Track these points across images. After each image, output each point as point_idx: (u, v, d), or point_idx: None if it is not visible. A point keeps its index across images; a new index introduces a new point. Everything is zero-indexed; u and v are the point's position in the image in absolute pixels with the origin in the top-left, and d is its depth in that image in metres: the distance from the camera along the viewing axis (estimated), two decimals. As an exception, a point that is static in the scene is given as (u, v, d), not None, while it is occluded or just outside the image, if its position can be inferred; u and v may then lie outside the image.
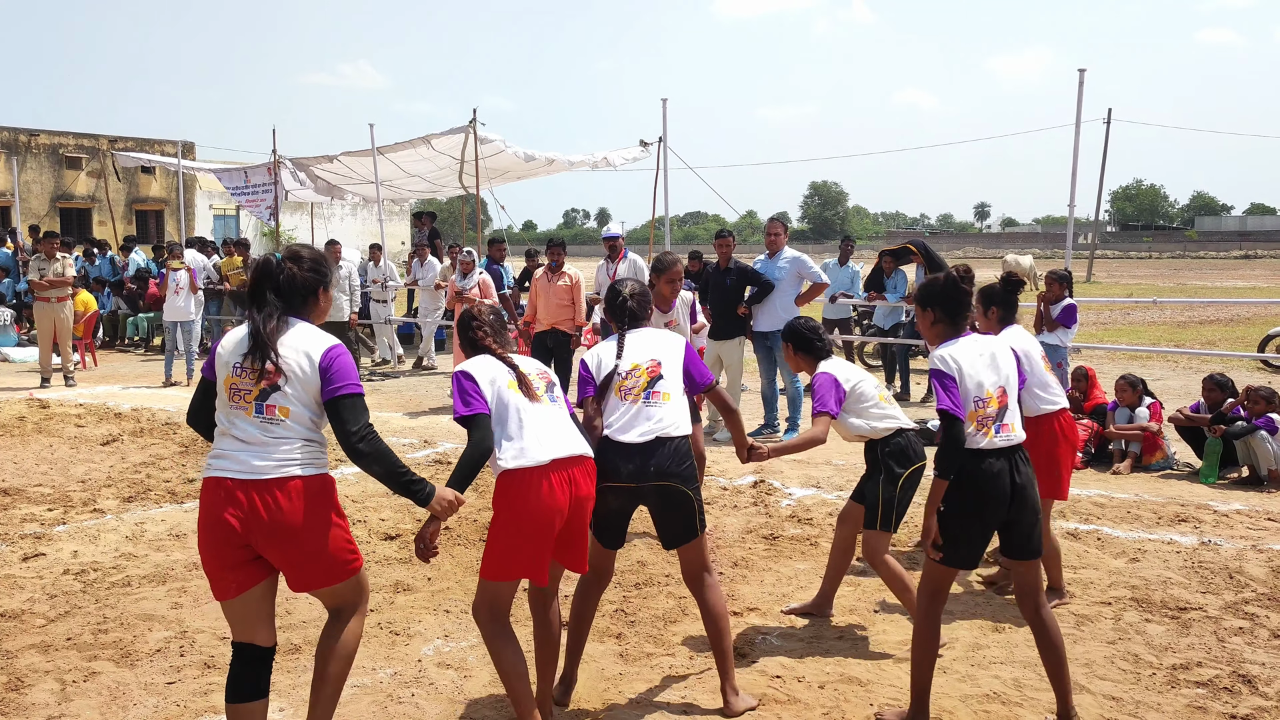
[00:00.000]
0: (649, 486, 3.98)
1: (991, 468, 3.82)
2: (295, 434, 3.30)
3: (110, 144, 34.03)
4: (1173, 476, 8.13)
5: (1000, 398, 3.88)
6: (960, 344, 3.92)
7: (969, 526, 3.85)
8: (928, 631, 3.93)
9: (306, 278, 3.44)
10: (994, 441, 3.83)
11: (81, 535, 6.41)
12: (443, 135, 16.78)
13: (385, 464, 3.33)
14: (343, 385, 3.32)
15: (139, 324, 18.32)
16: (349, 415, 3.30)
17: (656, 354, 4.14)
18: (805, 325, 5.17)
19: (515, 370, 3.78)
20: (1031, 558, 3.94)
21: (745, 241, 56.68)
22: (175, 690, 4.27)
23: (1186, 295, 30.07)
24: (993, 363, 3.93)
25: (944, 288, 3.97)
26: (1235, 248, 75.04)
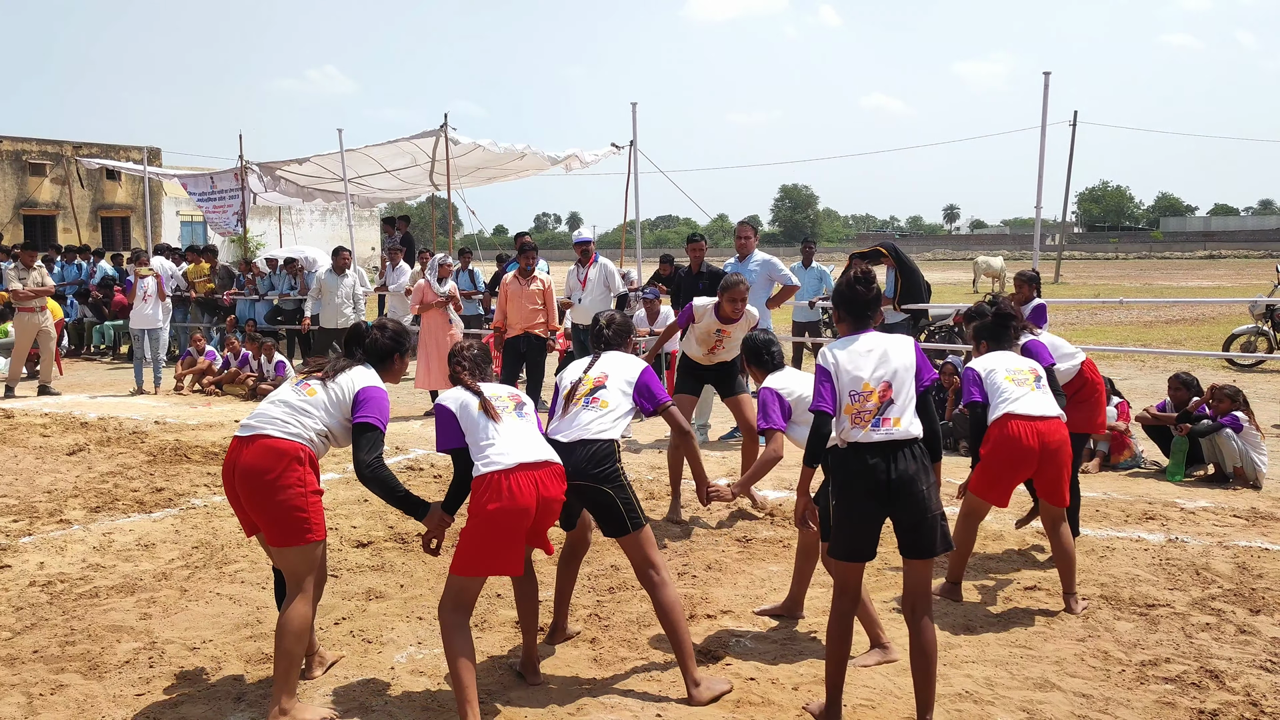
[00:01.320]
0: (572, 484, 4.26)
1: (865, 461, 3.86)
2: (307, 410, 4.04)
3: (75, 150, 33.65)
4: (1140, 475, 8.22)
5: (884, 392, 3.90)
6: (851, 340, 4.03)
7: (847, 518, 3.92)
8: (836, 629, 3.96)
9: (385, 344, 4.31)
10: (870, 435, 3.86)
11: (48, 546, 6.33)
12: (414, 139, 16.74)
13: (389, 488, 3.98)
14: (368, 416, 4.03)
15: (105, 332, 18.12)
16: (365, 444, 3.99)
17: (610, 369, 4.60)
18: (757, 340, 5.43)
19: (480, 397, 4.13)
20: (918, 557, 3.93)
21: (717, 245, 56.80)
22: (144, 702, 4.22)
23: (1152, 295, 30.42)
24: (882, 358, 3.96)
25: (843, 288, 4.12)
26: (1200, 248, 75.99)
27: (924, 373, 4.01)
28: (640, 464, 8.74)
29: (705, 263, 9.81)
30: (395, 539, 6.48)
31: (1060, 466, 5.19)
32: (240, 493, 4.01)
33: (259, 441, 3.98)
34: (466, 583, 4.00)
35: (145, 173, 21.75)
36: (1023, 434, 5.12)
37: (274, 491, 3.91)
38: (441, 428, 4.12)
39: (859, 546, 3.93)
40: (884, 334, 4.08)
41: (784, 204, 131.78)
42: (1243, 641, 4.79)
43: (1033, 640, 4.82)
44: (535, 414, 4.26)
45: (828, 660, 3.97)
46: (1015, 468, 5.19)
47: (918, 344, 4.15)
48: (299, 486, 3.95)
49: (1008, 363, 5.36)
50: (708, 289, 9.59)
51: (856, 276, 4.08)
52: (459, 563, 3.98)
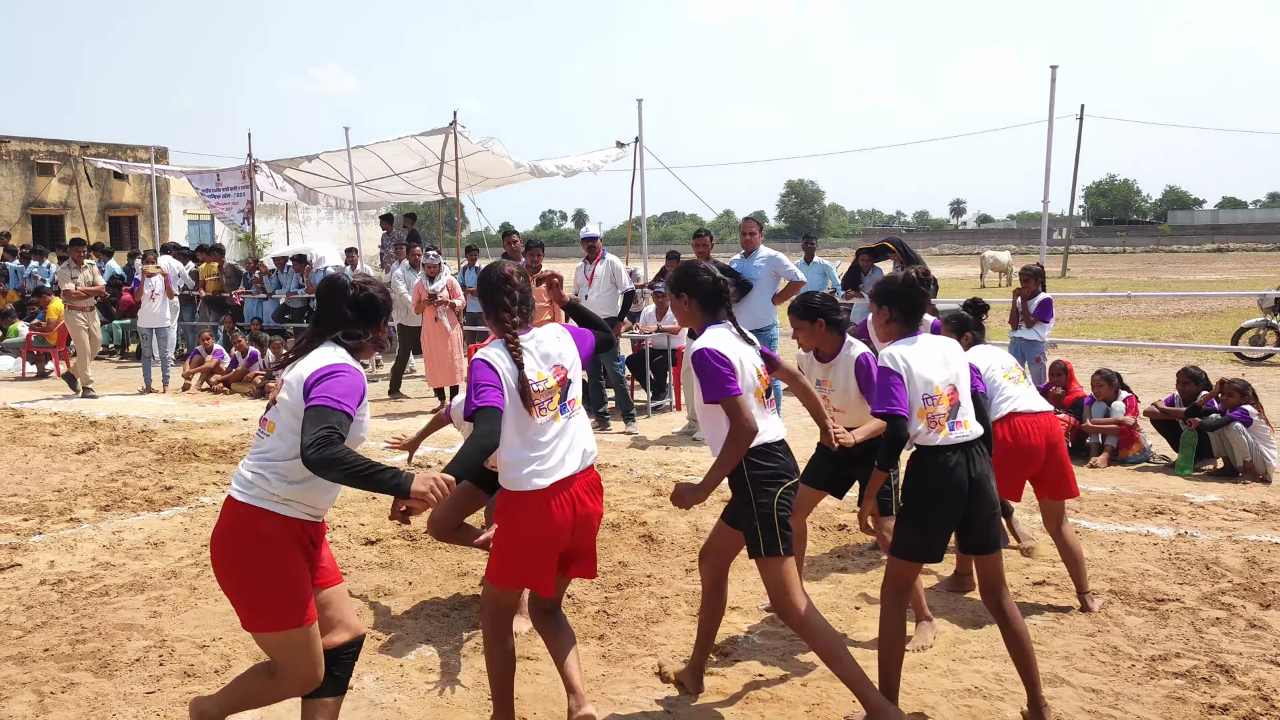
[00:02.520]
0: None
1: (948, 461, 3.87)
2: (271, 454, 3.20)
3: (82, 150, 33.70)
4: (1149, 469, 8.20)
5: (951, 395, 3.93)
6: (914, 342, 3.97)
7: (929, 520, 3.90)
8: (893, 628, 3.96)
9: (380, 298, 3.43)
10: (949, 438, 3.88)
11: (58, 545, 6.35)
12: (424, 135, 16.74)
13: (342, 467, 2.94)
14: (315, 398, 3.08)
15: (113, 331, 18.16)
16: (307, 424, 3.02)
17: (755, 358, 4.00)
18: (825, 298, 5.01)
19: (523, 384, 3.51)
20: (989, 552, 3.97)
21: (723, 241, 56.76)
22: (155, 700, 4.24)
23: (1160, 289, 30.34)
24: (945, 361, 3.97)
25: (902, 287, 4.02)
26: (1208, 241, 75.76)
27: (973, 374, 4.07)
28: (647, 460, 8.74)
29: (711, 258, 9.78)
30: (404, 536, 6.49)
31: (1062, 459, 5.23)
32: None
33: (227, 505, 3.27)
34: (502, 593, 3.72)
35: (153, 171, 21.79)
36: (1029, 431, 5.15)
37: (235, 566, 3.22)
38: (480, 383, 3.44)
39: (935, 548, 3.95)
40: (935, 336, 4.09)
41: (790, 199, 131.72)
42: (1253, 636, 4.78)
43: (1042, 635, 4.82)
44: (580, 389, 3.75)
45: (886, 661, 3.96)
46: (1025, 464, 5.20)
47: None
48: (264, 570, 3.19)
49: (1001, 360, 5.39)
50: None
51: (919, 276, 4.04)
52: (492, 571, 3.69)
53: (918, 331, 4.03)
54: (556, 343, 3.71)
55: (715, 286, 3.97)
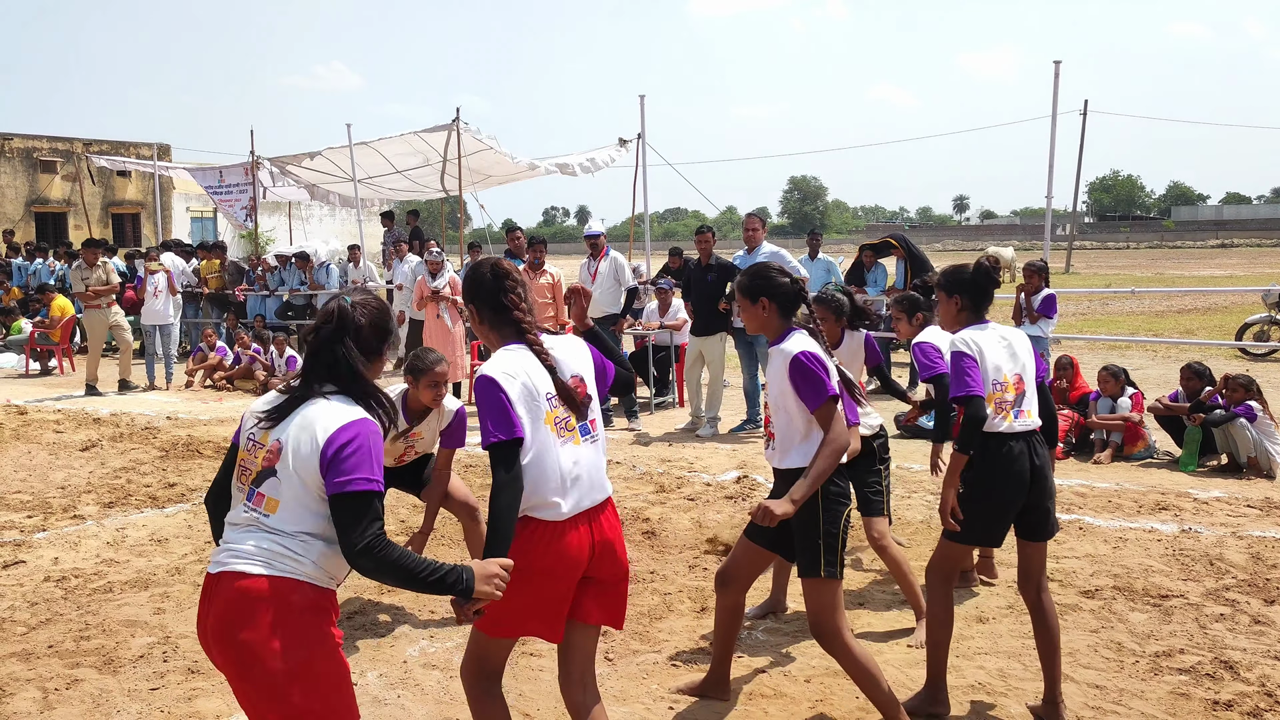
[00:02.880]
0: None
1: (1012, 450, 3.93)
2: (287, 528, 2.55)
3: (85, 147, 33.73)
4: (1153, 465, 8.19)
5: (1017, 385, 3.99)
6: (984, 329, 4.04)
7: (990, 506, 3.95)
8: (941, 613, 4.03)
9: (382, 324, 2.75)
10: (1013, 425, 3.94)
11: (62, 542, 6.36)
12: (427, 132, 16.73)
13: (401, 572, 2.49)
14: (348, 479, 2.49)
15: (117, 328, 18.16)
16: (348, 519, 2.48)
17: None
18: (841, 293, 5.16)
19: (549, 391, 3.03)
20: (1042, 539, 4.03)
21: (726, 237, 56.68)
22: (159, 696, 4.24)
23: (1164, 285, 30.29)
24: (1011, 351, 4.03)
25: (973, 277, 4.08)
26: (1211, 237, 75.65)
27: (1038, 366, 4.11)
28: (650, 456, 8.73)
29: (714, 255, 9.79)
30: (406, 533, 6.49)
31: None
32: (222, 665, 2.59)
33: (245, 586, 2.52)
34: (494, 645, 3.14)
35: (155, 168, 21.81)
36: None
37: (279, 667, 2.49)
38: (492, 412, 2.89)
39: (997, 532, 4.01)
40: (1002, 327, 4.12)
41: (793, 196, 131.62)
42: (1257, 632, 4.77)
43: (1046, 631, 4.81)
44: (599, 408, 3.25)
45: (935, 646, 4.03)
46: None
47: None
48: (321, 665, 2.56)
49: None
50: (716, 281, 9.59)
51: (990, 265, 4.09)
52: (489, 620, 3.01)
53: (986, 320, 4.09)
54: (574, 353, 3.23)
55: (794, 289, 3.87)
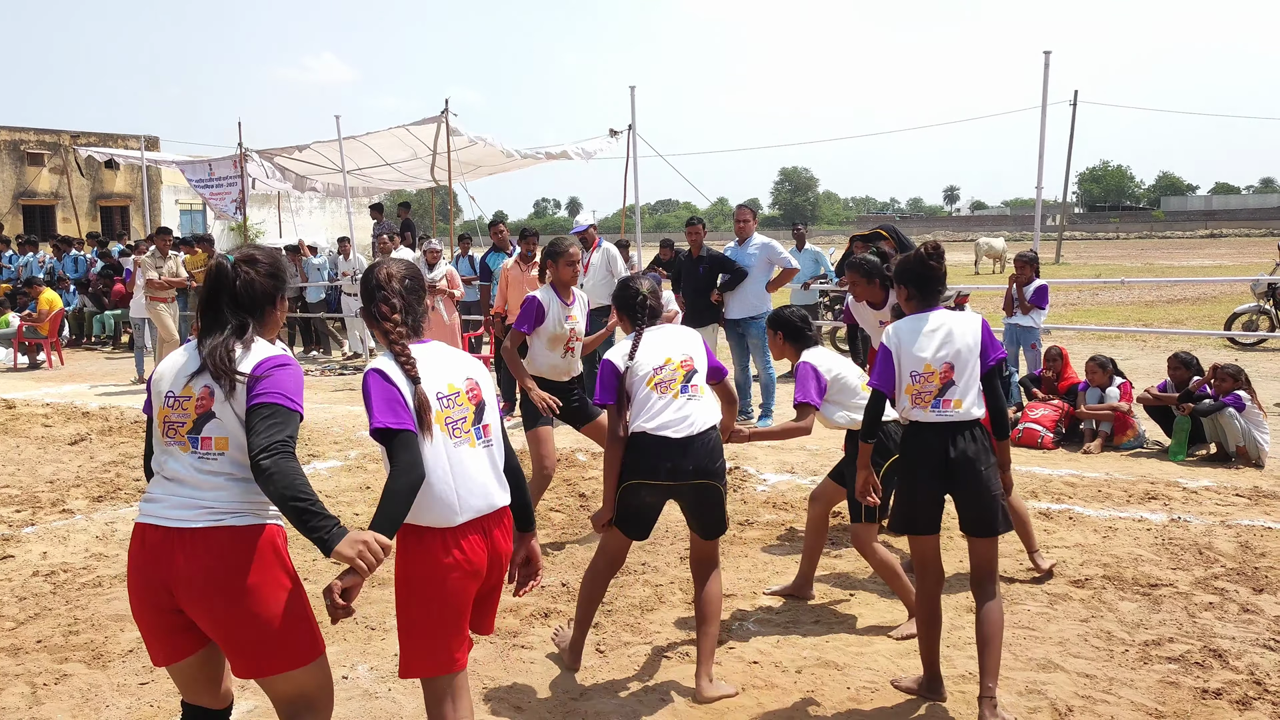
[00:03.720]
0: (686, 485, 4.06)
1: (925, 440, 3.91)
2: (233, 473, 2.74)
3: (73, 139, 33.55)
4: (1142, 455, 8.22)
5: (945, 374, 3.89)
6: (917, 319, 3.99)
7: (911, 492, 3.98)
8: (924, 611, 4.04)
9: (265, 284, 2.90)
10: (928, 416, 3.90)
11: (50, 536, 6.34)
12: (415, 125, 16.66)
13: (285, 489, 2.59)
14: (264, 394, 2.69)
15: (105, 321, 18.10)
16: (259, 425, 2.65)
17: (686, 349, 4.18)
18: (794, 314, 5.15)
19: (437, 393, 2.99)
20: (977, 534, 3.94)
21: (717, 228, 56.68)
22: (149, 691, 4.23)
23: (1154, 275, 30.35)
24: (946, 338, 3.93)
25: (913, 264, 4.03)
26: (1201, 227, 75.89)
27: (990, 351, 3.97)
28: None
29: (705, 246, 9.78)
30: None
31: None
32: (190, 609, 2.74)
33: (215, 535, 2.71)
34: (441, 683, 3.00)
35: (143, 161, 21.69)
36: None
37: (261, 604, 2.71)
38: (386, 398, 2.88)
39: (917, 519, 3.99)
40: (951, 312, 4.05)
41: (784, 187, 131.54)
42: (1246, 620, 4.79)
43: (1036, 621, 4.83)
44: (499, 411, 3.20)
45: (921, 644, 4.06)
46: None
47: (986, 322, 4.10)
48: (290, 589, 2.79)
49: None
50: (708, 273, 9.59)
51: (929, 251, 4.02)
52: (412, 661, 3.00)
53: (934, 306, 4.03)
54: (467, 363, 3.16)
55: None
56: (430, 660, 2.99)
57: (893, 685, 4.16)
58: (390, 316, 3.02)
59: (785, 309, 5.21)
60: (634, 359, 4.08)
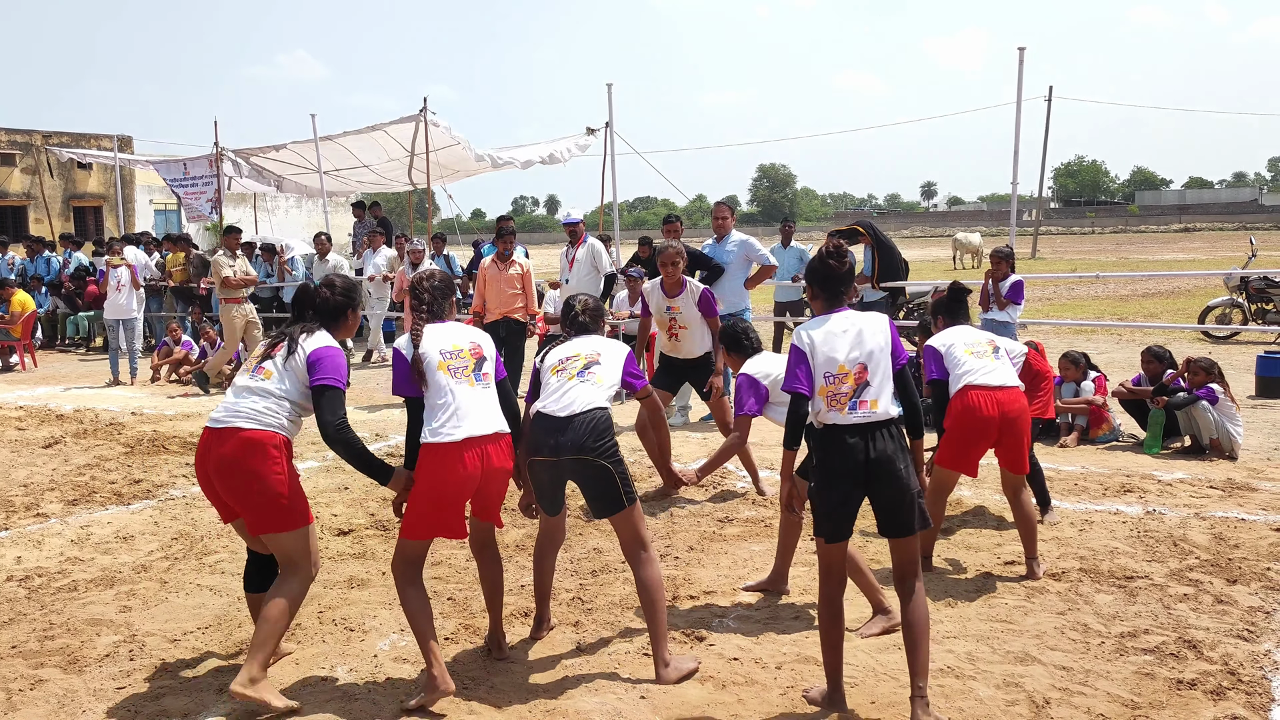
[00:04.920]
0: (566, 460, 4.28)
1: (843, 442, 3.85)
2: (279, 394, 4.05)
3: (45, 139, 33.23)
4: (1118, 448, 8.28)
5: (858, 374, 3.87)
6: (825, 320, 3.96)
7: (827, 498, 3.90)
8: (826, 612, 3.98)
9: (338, 301, 4.29)
10: (848, 418, 3.85)
11: (25, 540, 6.28)
12: (393, 124, 16.58)
13: (351, 450, 3.99)
14: (324, 378, 4.01)
15: (79, 323, 17.94)
16: (326, 405, 3.98)
17: (600, 349, 4.60)
18: (736, 327, 5.44)
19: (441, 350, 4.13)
20: (897, 535, 3.93)
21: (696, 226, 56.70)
22: (125, 695, 4.19)
23: (1129, 269, 30.60)
24: (857, 339, 3.91)
25: (816, 265, 4.05)
26: (1175, 221, 76.54)
27: (899, 352, 3.98)
28: (622, 444, 8.70)
29: (682, 243, 9.77)
30: (377, 526, 6.46)
31: (1019, 435, 5.30)
32: (218, 486, 4.07)
33: (235, 435, 4.00)
34: (414, 545, 4.14)
35: (116, 161, 21.51)
36: (982, 404, 5.21)
37: (254, 482, 3.96)
38: (400, 374, 4.12)
39: (838, 525, 3.92)
40: (858, 312, 4.03)
41: (762, 184, 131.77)
42: (1220, 611, 4.84)
43: (1013, 614, 4.86)
44: (497, 366, 4.30)
45: (823, 645, 3.98)
46: (977, 437, 5.28)
47: (891, 321, 4.11)
48: (279, 475, 4.00)
49: (965, 337, 5.47)
50: (685, 270, 9.57)
51: (828, 251, 4.01)
52: (406, 527, 4.11)
53: (840, 307, 4.00)
54: (477, 334, 4.33)
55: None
56: (414, 529, 4.10)
57: (803, 696, 4.09)
58: (419, 308, 4.24)
59: (733, 322, 5.55)
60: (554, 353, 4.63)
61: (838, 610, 3.99)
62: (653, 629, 4.27)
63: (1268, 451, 8.01)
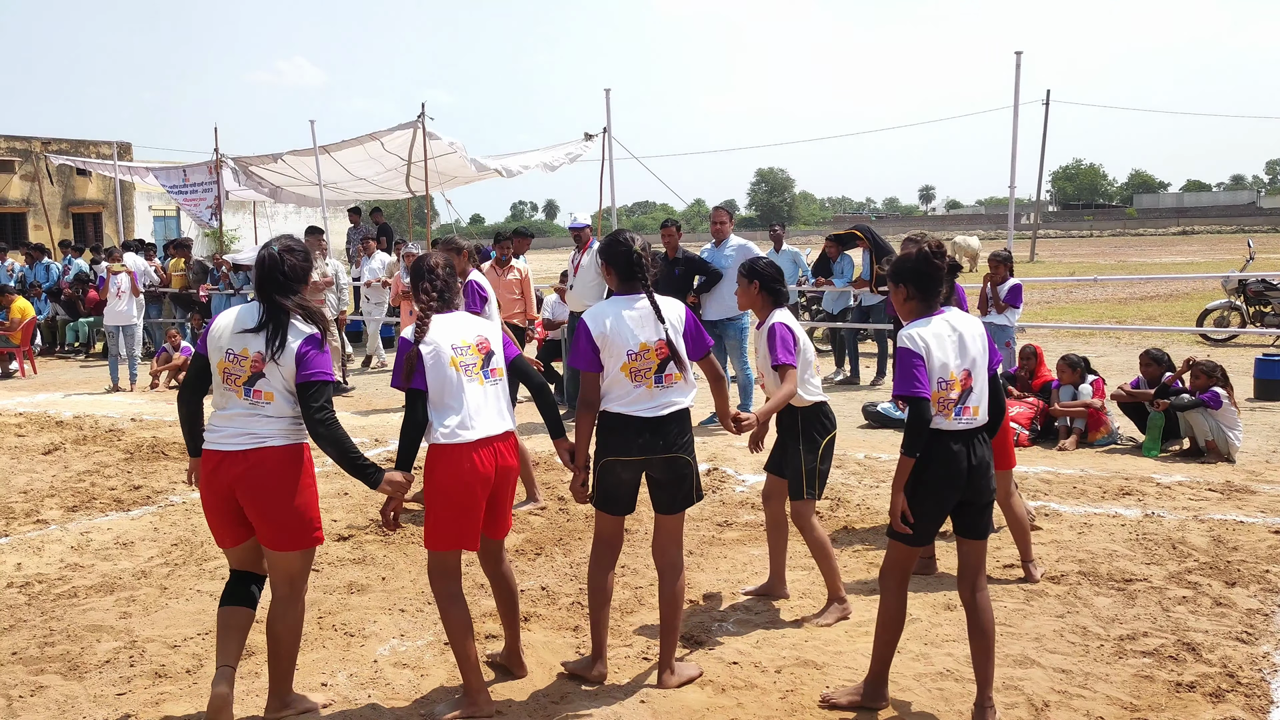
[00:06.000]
0: (657, 459, 4.12)
1: (949, 448, 3.81)
2: (274, 414, 3.78)
3: (44, 146, 33.25)
4: (1117, 451, 8.29)
5: (964, 380, 3.83)
6: (930, 323, 3.86)
7: (926, 506, 3.85)
8: (894, 610, 3.99)
9: (301, 265, 3.90)
10: (953, 424, 3.82)
11: (25, 547, 6.28)
12: (391, 132, 16.57)
13: (339, 447, 3.76)
14: (314, 372, 3.77)
15: (79, 330, 17.94)
16: (311, 397, 3.75)
17: (663, 331, 4.13)
18: (770, 266, 5.05)
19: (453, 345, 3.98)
20: (979, 538, 3.95)
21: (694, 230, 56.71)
22: (126, 701, 4.20)
23: (1127, 272, 30.61)
24: (960, 344, 3.86)
25: (916, 263, 3.90)
26: (1173, 224, 76.64)
27: (992, 357, 4.00)
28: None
29: (681, 248, 9.80)
30: (377, 532, 6.46)
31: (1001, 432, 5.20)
32: (247, 501, 3.82)
33: (264, 451, 3.78)
34: (443, 555, 4.03)
35: (116, 168, 21.53)
36: None
37: (290, 494, 3.81)
38: (399, 365, 3.93)
39: (931, 531, 3.93)
40: (956, 314, 3.95)
41: (760, 188, 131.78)
42: (1219, 614, 4.84)
43: (1012, 617, 4.86)
44: (506, 348, 4.19)
45: (883, 643, 4.00)
46: None
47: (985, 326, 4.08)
48: (311, 486, 3.91)
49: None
50: (683, 275, 9.60)
51: (932, 249, 3.89)
52: (429, 537, 4.01)
53: (937, 309, 3.92)
54: (482, 325, 4.17)
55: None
56: (440, 538, 3.99)
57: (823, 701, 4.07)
58: (430, 293, 4.04)
59: (759, 259, 5.11)
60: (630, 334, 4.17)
61: (904, 609, 4.02)
62: (667, 634, 4.24)
63: (1266, 454, 8.02)
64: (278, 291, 3.82)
